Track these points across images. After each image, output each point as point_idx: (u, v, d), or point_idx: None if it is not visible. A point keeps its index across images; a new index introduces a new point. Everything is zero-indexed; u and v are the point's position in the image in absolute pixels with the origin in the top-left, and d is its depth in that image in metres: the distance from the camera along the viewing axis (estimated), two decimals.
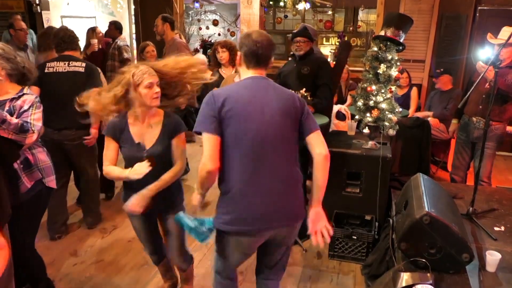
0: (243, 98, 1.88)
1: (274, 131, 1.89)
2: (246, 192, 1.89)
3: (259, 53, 1.95)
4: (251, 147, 1.86)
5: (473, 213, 2.71)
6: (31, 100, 2.34)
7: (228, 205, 1.93)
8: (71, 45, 3.41)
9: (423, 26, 5.93)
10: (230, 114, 1.83)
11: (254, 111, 1.87)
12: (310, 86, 3.64)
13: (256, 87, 1.94)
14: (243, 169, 1.87)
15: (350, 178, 3.41)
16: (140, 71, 2.15)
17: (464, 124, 3.89)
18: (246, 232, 1.93)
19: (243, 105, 1.86)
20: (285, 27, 9.63)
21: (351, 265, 3.22)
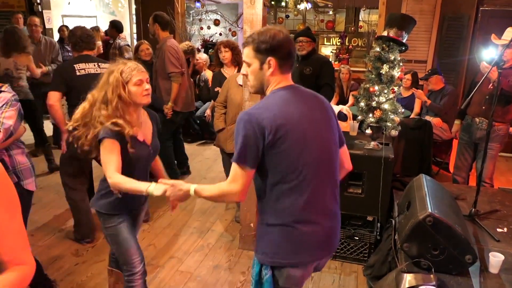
0: (293, 117, 1.60)
1: (330, 150, 1.71)
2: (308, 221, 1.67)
3: (293, 52, 1.69)
4: (310, 174, 1.63)
5: (475, 214, 2.70)
6: (5, 98, 2.28)
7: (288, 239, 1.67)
8: (89, 44, 3.33)
9: (425, 27, 5.93)
10: (282, 143, 1.57)
11: (310, 134, 1.63)
12: (312, 86, 3.63)
13: (302, 100, 1.67)
14: (302, 198, 1.63)
15: (352, 178, 3.40)
16: (128, 68, 2.05)
17: (466, 124, 3.88)
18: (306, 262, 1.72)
19: (297, 129, 1.60)
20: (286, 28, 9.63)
21: (353, 266, 3.21)
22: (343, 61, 7.16)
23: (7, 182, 1.11)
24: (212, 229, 3.74)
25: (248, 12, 2.91)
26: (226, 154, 3.67)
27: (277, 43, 1.61)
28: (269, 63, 1.63)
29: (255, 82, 1.70)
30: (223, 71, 4.01)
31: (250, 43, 1.65)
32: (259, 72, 1.67)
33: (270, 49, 1.61)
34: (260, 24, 2.91)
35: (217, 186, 1.71)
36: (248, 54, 1.67)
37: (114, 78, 2.03)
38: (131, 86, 2.03)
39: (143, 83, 2.07)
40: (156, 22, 4.39)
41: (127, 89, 2.02)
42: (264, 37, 1.62)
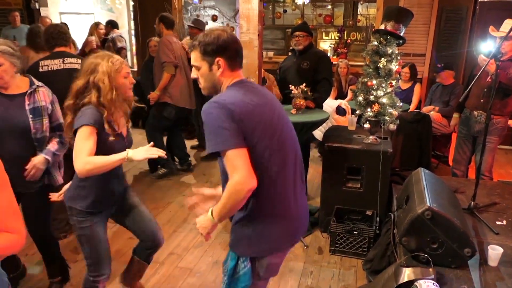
0: (255, 107, 1.61)
1: (290, 139, 1.75)
2: (291, 208, 1.73)
3: (241, 51, 1.71)
4: (287, 160, 1.69)
5: (474, 208, 2.70)
6: (47, 95, 2.44)
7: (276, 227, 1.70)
8: (59, 40, 3.25)
9: (423, 20, 5.90)
10: (257, 130, 1.58)
11: (277, 121, 1.67)
12: (309, 80, 3.63)
13: (256, 91, 1.69)
14: (284, 185, 1.68)
15: (351, 173, 3.40)
16: (117, 60, 2.05)
17: (465, 118, 3.87)
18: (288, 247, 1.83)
19: (265, 116, 1.63)
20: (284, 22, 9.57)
21: (353, 260, 3.22)
22: (342, 55, 7.12)
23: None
24: None
25: (244, 7, 2.90)
26: None
27: (223, 43, 1.63)
28: (218, 64, 1.64)
29: (207, 84, 1.70)
30: None
31: (197, 46, 1.65)
32: (209, 74, 1.67)
33: (216, 50, 1.62)
34: (256, 19, 2.90)
35: (225, 191, 1.59)
36: (196, 58, 1.67)
37: (108, 67, 2.00)
38: (120, 77, 2.04)
39: (129, 76, 2.10)
40: (162, 22, 4.57)
41: (116, 79, 2.03)
42: (209, 38, 1.63)
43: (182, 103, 4.61)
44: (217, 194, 1.87)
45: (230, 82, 1.68)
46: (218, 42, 1.62)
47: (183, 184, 4.63)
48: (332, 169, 3.44)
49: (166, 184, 4.63)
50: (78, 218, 2.13)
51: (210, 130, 1.55)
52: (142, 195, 4.32)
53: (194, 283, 2.94)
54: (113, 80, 2.01)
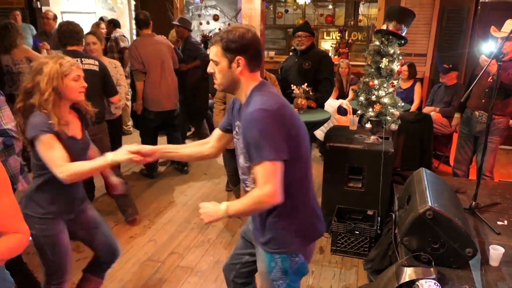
0: (290, 111, 1.66)
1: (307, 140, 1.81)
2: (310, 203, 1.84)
3: (262, 52, 1.74)
4: (309, 164, 1.78)
5: (476, 208, 2.70)
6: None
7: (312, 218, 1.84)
8: (71, 40, 3.26)
9: (424, 20, 5.90)
10: (297, 133, 1.65)
11: (302, 126, 1.72)
12: (311, 80, 3.64)
13: (279, 94, 1.75)
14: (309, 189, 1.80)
15: (352, 173, 3.40)
16: (67, 62, 1.98)
17: (466, 118, 3.87)
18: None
19: (299, 121, 1.70)
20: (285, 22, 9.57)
21: (354, 260, 3.22)
22: (343, 55, 7.11)
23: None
24: (213, 224, 3.74)
25: (247, 7, 2.90)
26: (226, 150, 3.66)
27: (247, 42, 1.61)
28: (237, 62, 1.63)
29: (223, 80, 1.69)
30: None
31: (219, 41, 1.63)
32: (228, 71, 1.65)
33: (239, 48, 1.61)
34: (258, 18, 2.90)
35: (249, 195, 1.61)
36: (216, 52, 1.65)
37: (52, 69, 1.93)
38: (69, 80, 1.97)
39: (80, 79, 2.03)
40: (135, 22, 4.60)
41: (64, 82, 1.96)
42: (233, 36, 1.61)
43: (157, 107, 4.48)
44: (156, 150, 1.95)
45: (254, 84, 1.68)
46: (243, 40, 1.61)
47: (184, 184, 4.64)
48: (333, 169, 3.44)
49: (167, 184, 4.63)
50: (41, 226, 2.03)
51: (257, 135, 1.55)
52: (143, 194, 4.33)
53: (195, 283, 2.94)
54: (56, 82, 1.92)
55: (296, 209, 1.74)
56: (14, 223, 1.31)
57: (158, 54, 4.40)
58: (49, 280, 2.15)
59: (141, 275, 3.02)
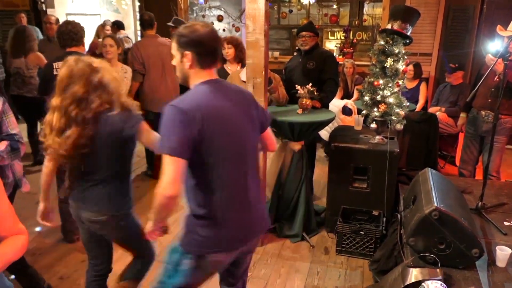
0: (219, 111, 1.65)
1: (249, 143, 1.77)
2: (231, 211, 1.74)
3: (216, 47, 1.71)
4: (233, 165, 1.71)
5: (482, 208, 2.68)
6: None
7: (210, 228, 1.74)
8: (69, 41, 3.16)
9: (429, 19, 5.87)
10: (210, 133, 1.61)
11: (232, 125, 1.68)
12: (315, 80, 3.62)
13: (222, 93, 1.71)
14: (227, 189, 1.71)
15: (357, 173, 3.39)
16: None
17: (472, 117, 3.85)
18: (229, 250, 1.81)
19: (221, 120, 1.65)
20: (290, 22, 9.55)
21: (359, 261, 3.21)
22: (348, 55, 7.09)
23: None
24: None
25: (250, 7, 2.89)
26: None
27: (196, 38, 1.64)
28: (186, 57, 1.66)
29: (179, 74, 1.75)
30: (225, 68, 3.99)
31: (175, 36, 1.69)
32: (180, 64, 1.70)
33: (188, 43, 1.64)
34: (262, 19, 2.89)
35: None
36: (173, 47, 1.71)
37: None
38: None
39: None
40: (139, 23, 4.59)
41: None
42: (186, 31, 1.65)
43: (156, 108, 4.35)
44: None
45: (197, 81, 1.70)
46: (193, 36, 1.64)
47: None
48: (338, 169, 3.43)
49: None
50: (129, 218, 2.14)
51: (163, 132, 1.59)
52: (148, 195, 4.33)
53: None
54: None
55: (200, 213, 1.72)
56: (14, 225, 1.33)
57: (159, 55, 4.40)
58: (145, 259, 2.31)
59: None
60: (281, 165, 3.54)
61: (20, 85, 4.69)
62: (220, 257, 1.80)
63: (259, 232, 1.93)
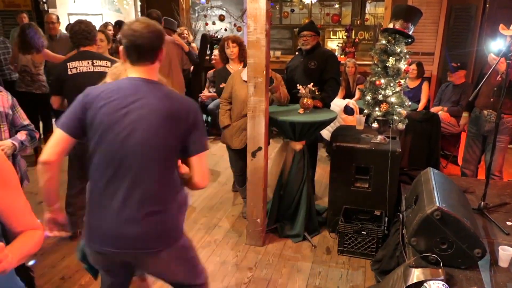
0: (112, 102, 1.63)
1: (141, 155, 1.64)
2: (100, 205, 1.69)
3: (138, 44, 1.66)
4: (104, 165, 1.65)
5: (484, 208, 2.67)
6: (6, 99, 2.33)
7: (86, 217, 1.76)
8: (83, 40, 3.14)
9: (432, 18, 5.85)
10: (95, 119, 1.63)
11: (122, 127, 1.62)
12: (317, 80, 3.62)
13: (134, 94, 1.65)
14: (99, 179, 1.68)
15: (359, 173, 3.38)
16: None
17: (475, 117, 3.83)
18: (93, 248, 1.76)
19: (109, 110, 1.62)
20: (291, 22, 9.55)
21: (361, 261, 3.20)
22: (349, 54, 7.07)
23: (6, 166, 1.28)
24: (219, 225, 3.74)
25: (252, 6, 2.89)
26: (232, 150, 3.67)
27: (124, 32, 1.67)
28: (121, 50, 1.72)
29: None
30: (228, 67, 3.99)
31: None
32: (122, 60, 1.76)
33: (121, 36, 1.70)
34: (264, 18, 2.88)
35: None
36: None
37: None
38: None
39: None
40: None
41: None
42: (125, 25, 1.72)
43: None
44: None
45: (127, 75, 1.74)
46: (123, 30, 1.69)
47: None
48: (340, 169, 3.42)
49: None
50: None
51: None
52: None
53: None
54: None
55: (88, 196, 1.76)
56: (31, 220, 1.34)
57: (166, 54, 4.40)
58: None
59: None
60: (283, 165, 3.54)
61: (29, 82, 4.78)
62: (91, 251, 1.78)
63: (130, 249, 1.70)
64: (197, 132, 1.72)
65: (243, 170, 3.47)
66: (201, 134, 1.75)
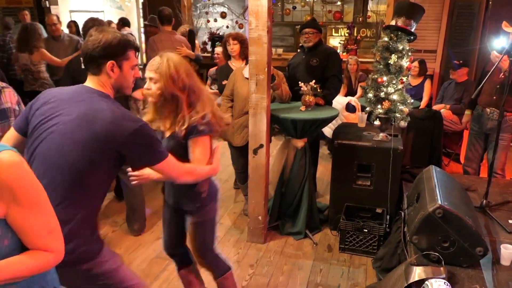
0: (50, 104, 1.61)
1: (52, 152, 1.56)
2: None
3: (84, 54, 1.65)
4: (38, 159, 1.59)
5: (486, 206, 2.66)
6: (13, 95, 2.35)
7: None
8: None
9: (434, 15, 5.83)
10: (31, 119, 1.63)
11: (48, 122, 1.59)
12: (319, 77, 3.61)
13: (72, 97, 1.62)
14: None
15: (361, 170, 3.38)
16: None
17: (477, 115, 3.82)
18: None
19: (45, 110, 1.61)
20: (293, 19, 9.54)
21: (362, 259, 3.20)
22: (352, 52, 7.06)
23: (25, 184, 1.18)
24: (221, 222, 3.74)
25: (253, 3, 2.88)
26: (233, 147, 3.66)
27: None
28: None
29: None
30: (230, 64, 3.98)
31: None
32: None
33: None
34: (265, 15, 2.87)
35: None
36: None
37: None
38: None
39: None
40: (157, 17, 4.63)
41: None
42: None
43: None
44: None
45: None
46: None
47: None
48: (341, 167, 3.42)
49: None
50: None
51: None
52: (152, 192, 4.33)
53: (203, 280, 2.93)
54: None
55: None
56: (44, 243, 1.24)
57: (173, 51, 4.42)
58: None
59: (149, 272, 3.02)
60: (284, 162, 3.54)
61: (32, 81, 4.81)
62: None
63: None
64: (136, 150, 1.60)
65: (245, 167, 3.46)
66: (144, 150, 1.61)
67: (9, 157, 1.14)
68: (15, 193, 1.14)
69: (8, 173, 1.12)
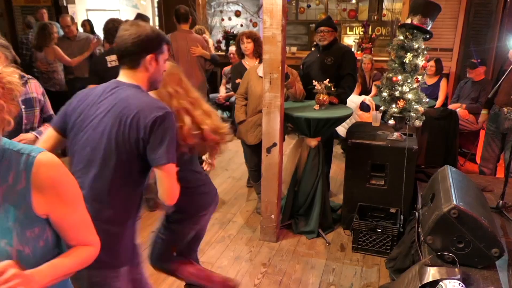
0: (85, 102, 1.66)
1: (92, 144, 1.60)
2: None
3: (118, 48, 1.66)
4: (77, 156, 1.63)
5: (503, 207, 2.63)
6: (38, 86, 2.47)
7: None
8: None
9: (451, 13, 5.75)
10: (72, 115, 1.66)
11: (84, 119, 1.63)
12: (333, 76, 3.60)
13: (103, 92, 1.65)
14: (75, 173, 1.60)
15: (375, 170, 3.35)
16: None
17: (494, 114, 3.77)
18: None
19: (81, 108, 1.65)
20: (308, 17, 9.49)
21: (375, 258, 3.18)
22: (366, 50, 7.01)
23: (65, 180, 1.22)
24: (233, 220, 3.76)
25: (268, 2, 2.88)
26: (247, 146, 3.67)
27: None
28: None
29: None
30: (243, 63, 3.99)
31: None
32: None
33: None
34: (280, 13, 2.87)
35: None
36: None
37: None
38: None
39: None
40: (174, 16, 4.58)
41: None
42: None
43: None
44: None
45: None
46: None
47: None
48: (355, 166, 3.40)
49: None
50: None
51: None
52: None
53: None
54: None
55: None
56: (85, 237, 1.29)
57: (188, 51, 4.46)
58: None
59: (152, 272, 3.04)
60: (298, 161, 3.53)
61: (45, 79, 4.90)
62: None
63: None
64: (154, 141, 1.55)
65: (258, 165, 3.47)
66: (159, 143, 1.55)
67: (48, 157, 1.18)
68: (58, 192, 1.19)
69: (50, 173, 1.17)
